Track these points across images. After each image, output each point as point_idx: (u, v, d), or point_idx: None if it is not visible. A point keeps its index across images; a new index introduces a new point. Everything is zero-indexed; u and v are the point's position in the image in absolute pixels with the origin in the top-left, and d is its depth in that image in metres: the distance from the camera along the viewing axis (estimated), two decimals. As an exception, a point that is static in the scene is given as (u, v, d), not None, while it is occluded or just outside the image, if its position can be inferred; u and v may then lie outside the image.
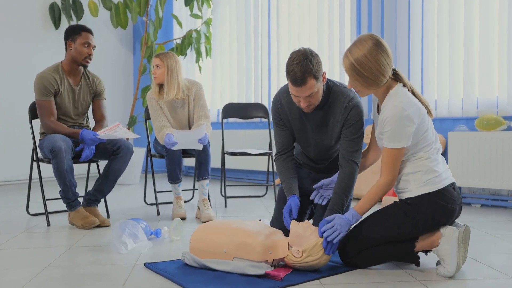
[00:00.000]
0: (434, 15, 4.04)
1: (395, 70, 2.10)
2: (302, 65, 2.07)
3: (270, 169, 4.26)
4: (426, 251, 2.14)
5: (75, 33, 3.14)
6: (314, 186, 2.35)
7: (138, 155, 5.31)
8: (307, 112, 2.25)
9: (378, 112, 2.17)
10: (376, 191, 2.08)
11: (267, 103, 5.29)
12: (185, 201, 3.94)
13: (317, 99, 2.19)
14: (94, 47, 3.19)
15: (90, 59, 3.18)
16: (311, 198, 2.36)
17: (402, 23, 4.19)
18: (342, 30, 4.62)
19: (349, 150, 2.25)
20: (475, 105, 3.82)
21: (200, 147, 3.22)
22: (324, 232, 2.04)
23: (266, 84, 5.34)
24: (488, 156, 3.63)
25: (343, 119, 2.26)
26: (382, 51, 2.00)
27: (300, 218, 2.41)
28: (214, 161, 4.41)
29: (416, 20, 4.13)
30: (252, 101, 5.39)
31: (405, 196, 2.11)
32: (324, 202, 2.32)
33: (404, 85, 2.09)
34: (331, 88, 2.27)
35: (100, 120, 3.31)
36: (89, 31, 3.17)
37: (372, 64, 1.99)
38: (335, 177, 2.32)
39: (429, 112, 2.10)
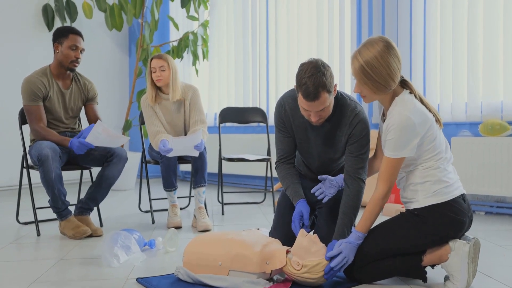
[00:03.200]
0: (437, 16, 3.94)
1: (403, 77, 2.00)
2: (315, 78, 1.95)
3: (269, 175, 4.15)
4: (432, 265, 2.03)
5: (62, 35, 3.01)
6: (319, 177, 2.21)
7: (133, 160, 5.20)
8: (316, 125, 2.14)
9: (383, 120, 2.07)
10: (373, 206, 1.99)
11: (265, 107, 5.19)
12: (181, 208, 3.83)
13: (328, 113, 2.09)
14: (83, 50, 3.06)
15: (78, 63, 3.05)
16: (312, 191, 2.23)
17: (404, 25, 4.09)
18: (342, 32, 4.52)
19: (354, 167, 2.15)
20: (479, 109, 3.72)
21: (196, 153, 3.11)
22: (332, 258, 1.95)
23: (264, 87, 5.23)
24: (493, 163, 3.53)
25: (348, 133, 2.15)
26: (393, 54, 1.90)
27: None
28: (211, 166, 4.30)
29: (418, 21, 4.03)
30: (250, 105, 5.29)
31: (412, 206, 2.01)
32: (325, 200, 2.20)
33: (411, 92, 1.99)
34: (339, 99, 2.17)
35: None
36: (77, 33, 3.04)
37: (383, 67, 1.88)
38: (338, 177, 2.22)
39: (437, 120, 1.99)
